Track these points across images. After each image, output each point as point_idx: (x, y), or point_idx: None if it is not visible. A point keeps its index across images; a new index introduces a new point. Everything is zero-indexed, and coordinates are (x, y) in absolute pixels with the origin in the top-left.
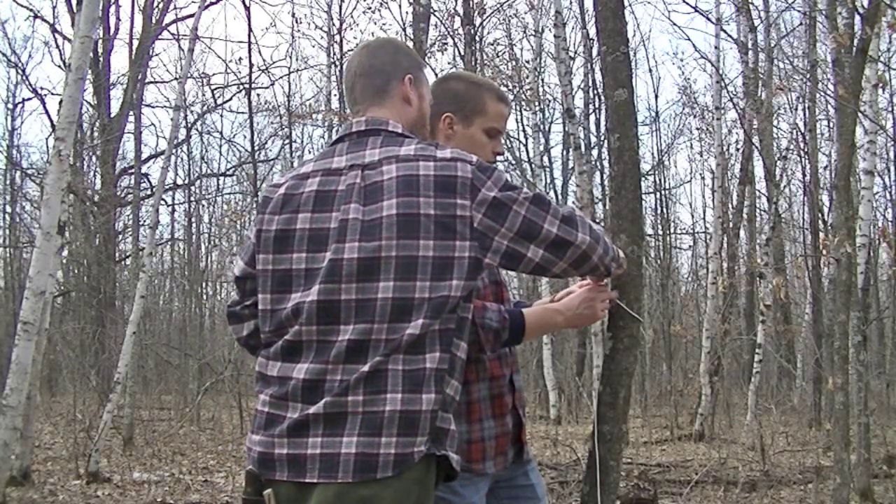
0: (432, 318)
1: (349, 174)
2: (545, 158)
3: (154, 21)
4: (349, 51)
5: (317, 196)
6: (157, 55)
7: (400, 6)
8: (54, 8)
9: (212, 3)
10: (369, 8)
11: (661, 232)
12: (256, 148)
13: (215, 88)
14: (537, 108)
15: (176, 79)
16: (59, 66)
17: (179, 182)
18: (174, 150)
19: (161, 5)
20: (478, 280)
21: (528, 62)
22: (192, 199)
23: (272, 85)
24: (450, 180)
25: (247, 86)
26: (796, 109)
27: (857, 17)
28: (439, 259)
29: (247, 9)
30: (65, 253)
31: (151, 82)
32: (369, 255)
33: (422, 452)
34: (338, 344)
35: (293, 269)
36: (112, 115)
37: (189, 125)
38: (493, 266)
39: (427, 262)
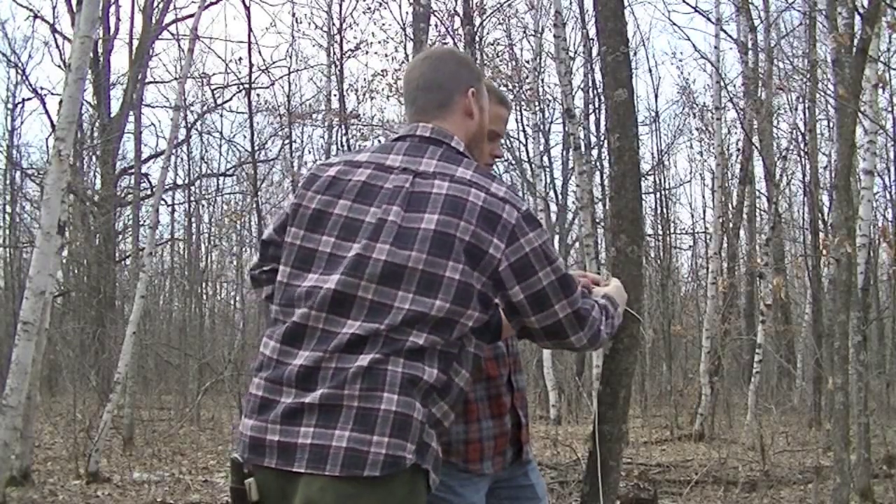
0: (439, 336)
1: (400, 175)
2: (545, 158)
3: (154, 21)
4: (349, 51)
5: (362, 187)
6: (157, 55)
7: (400, 6)
8: (54, 8)
9: (212, 3)
10: (369, 8)
11: (661, 232)
12: (256, 148)
13: (215, 88)
14: (537, 108)
15: (176, 79)
16: (59, 66)
17: (179, 182)
18: (174, 150)
19: (161, 5)
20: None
21: (527, 62)
22: (192, 199)
23: (272, 85)
24: (493, 217)
25: (247, 86)
26: (796, 109)
27: (857, 17)
28: (462, 285)
29: (247, 9)
30: (65, 253)
31: (151, 82)
32: (398, 261)
33: (412, 460)
34: (340, 336)
35: (319, 249)
36: (112, 115)
37: (189, 125)
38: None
39: (452, 284)
